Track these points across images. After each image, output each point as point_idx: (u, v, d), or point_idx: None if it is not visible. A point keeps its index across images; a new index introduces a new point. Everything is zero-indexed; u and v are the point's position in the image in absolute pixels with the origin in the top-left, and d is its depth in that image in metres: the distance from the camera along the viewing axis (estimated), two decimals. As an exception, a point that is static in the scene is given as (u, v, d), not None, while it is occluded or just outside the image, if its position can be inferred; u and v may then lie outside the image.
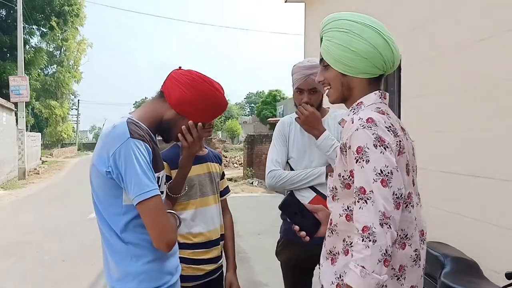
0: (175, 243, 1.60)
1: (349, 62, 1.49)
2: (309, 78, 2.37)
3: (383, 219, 1.29)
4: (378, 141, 1.36)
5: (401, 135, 1.46)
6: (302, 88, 2.41)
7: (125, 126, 1.52)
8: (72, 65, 38.19)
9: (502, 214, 3.36)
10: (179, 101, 1.65)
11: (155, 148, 1.60)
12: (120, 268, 1.58)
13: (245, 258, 5.97)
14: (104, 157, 1.50)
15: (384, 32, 1.49)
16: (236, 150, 29.67)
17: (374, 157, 1.35)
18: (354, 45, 1.47)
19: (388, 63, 1.51)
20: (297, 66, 2.45)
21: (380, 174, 1.33)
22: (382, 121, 1.42)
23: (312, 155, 2.46)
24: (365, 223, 1.31)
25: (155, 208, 1.50)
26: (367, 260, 1.28)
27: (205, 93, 1.66)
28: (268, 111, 38.03)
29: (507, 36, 3.15)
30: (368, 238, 1.28)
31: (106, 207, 1.57)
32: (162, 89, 1.70)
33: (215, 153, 2.45)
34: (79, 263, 5.92)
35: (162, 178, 1.69)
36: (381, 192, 1.31)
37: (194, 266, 2.18)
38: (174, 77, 1.68)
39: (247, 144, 17.47)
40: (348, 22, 1.50)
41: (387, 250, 1.28)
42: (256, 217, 8.71)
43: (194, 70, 1.72)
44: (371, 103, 1.51)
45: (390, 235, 1.29)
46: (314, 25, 8.59)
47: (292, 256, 2.51)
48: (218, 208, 2.33)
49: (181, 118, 1.69)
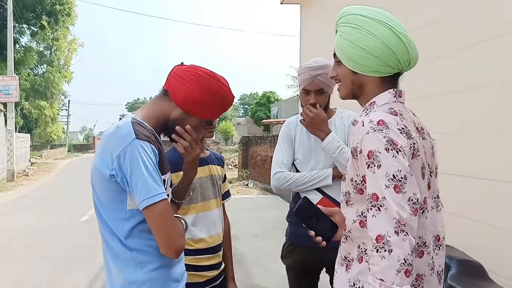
0: (182, 249, 1.52)
1: (359, 60, 1.42)
2: (315, 79, 2.34)
3: (398, 226, 1.21)
4: (390, 144, 1.29)
5: (415, 137, 1.38)
6: (309, 89, 2.38)
7: (129, 127, 1.44)
8: (62, 65, 37.87)
9: (506, 216, 3.35)
10: (186, 99, 1.56)
11: (161, 150, 1.53)
12: (124, 275, 1.50)
13: (242, 261, 5.91)
14: (108, 160, 1.42)
15: (397, 29, 1.40)
16: (230, 152, 29.66)
17: (386, 161, 1.27)
18: (364, 43, 1.39)
19: (403, 62, 1.42)
20: (303, 67, 2.41)
21: (393, 180, 1.25)
22: (394, 123, 1.35)
23: (318, 156, 2.42)
24: (379, 232, 1.23)
25: (163, 213, 1.43)
26: (385, 272, 1.20)
27: (213, 89, 1.58)
28: (262, 113, 38.10)
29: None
30: (383, 248, 1.21)
31: (109, 211, 1.49)
32: (165, 87, 1.62)
33: (217, 155, 2.39)
34: (72, 268, 5.80)
35: (168, 180, 1.62)
36: (394, 199, 1.24)
37: (195, 273, 2.09)
38: (178, 74, 1.59)
39: (242, 146, 17.41)
40: (359, 17, 1.42)
41: (406, 259, 1.19)
42: (252, 219, 8.69)
43: (198, 65, 1.64)
44: (384, 103, 1.44)
45: (408, 243, 1.20)
46: (310, 26, 8.66)
47: (298, 259, 2.47)
48: (220, 212, 2.26)
49: (188, 117, 1.61)
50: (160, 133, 1.62)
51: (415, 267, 1.34)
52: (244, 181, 16.11)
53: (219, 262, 2.22)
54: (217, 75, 1.62)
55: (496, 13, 3.30)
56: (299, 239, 2.42)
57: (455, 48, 3.72)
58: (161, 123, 1.59)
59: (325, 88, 2.36)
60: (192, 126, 1.63)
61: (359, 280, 1.42)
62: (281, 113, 29.15)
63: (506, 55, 3.20)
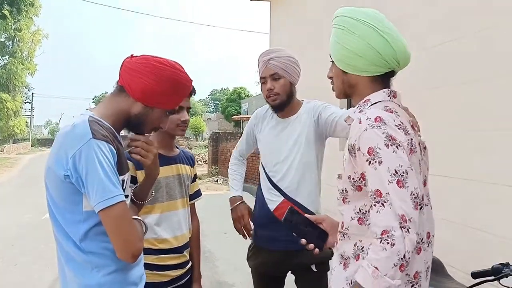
0: (140, 253, 1.48)
1: (346, 60, 1.46)
2: (268, 63, 2.30)
3: (402, 222, 1.24)
4: (389, 140, 1.31)
5: (411, 133, 1.41)
6: (264, 76, 2.33)
7: (86, 126, 1.39)
8: (26, 56, 36.65)
9: (464, 212, 3.46)
10: (145, 92, 1.51)
11: (119, 149, 1.48)
12: (79, 279, 1.44)
13: (210, 258, 5.88)
14: (62, 160, 1.37)
15: (380, 28, 1.40)
16: (200, 148, 29.49)
17: (387, 157, 1.29)
18: (348, 43, 1.43)
19: (391, 61, 1.43)
20: (259, 57, 2.38)
21: (395, 175, 1.28)
22: (391, 119, 1.37)
23: (281, 150, 2.39)
24: (385, 227, 1.25)
25: (120, 215, 1.38)
26: (382, 262, 1.23)
27: (170, 77, 1.52)
28: (232, 108, 38.05)
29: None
30: (387, 241, 1.23)
31: (63, 213, 1.43)
32: (120, 83, 1.55)
33: (188, 154, 2.30)
34: (33, 268, 5.60)
35: (127, 181, 1.57)
36: (397, 194, 1.26)
37: (159, 272, 2.03)
38: (130, 67, 1.52)
39: (212, 142, 17.32)
40: (345, 18, 1.45)
41: (405, 255, 1.23)
42: (222, 215, 8.53)
43: (148, 55, 1.57)
44: (378, 101, 1.46)
45: (409, 240, 1.23)
46: (279, 23, 8.75)
47: (261, 262, 2.46)
48: (186, 212, 2.19)
49: (150, 109, 1.55)
50: (120, 131, 1.57)
51: (415, 265, 1.36)
52: (213, 177, 16.05)
53: (185, 261, 2.16)
54: (171, 62, 1.56)
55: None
56: (262, 243, 2.43)
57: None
58: (121, 120, 1.54)
59: (280, 73, 2.29)
60: (156, 118, 1.59)
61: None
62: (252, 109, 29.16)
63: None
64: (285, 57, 2.30)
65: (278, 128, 2.40)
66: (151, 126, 1.61)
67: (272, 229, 2.33)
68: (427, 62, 3.82)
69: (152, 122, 1.59)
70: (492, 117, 3.26)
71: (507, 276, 1.88)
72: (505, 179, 3.11)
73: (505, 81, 3.12)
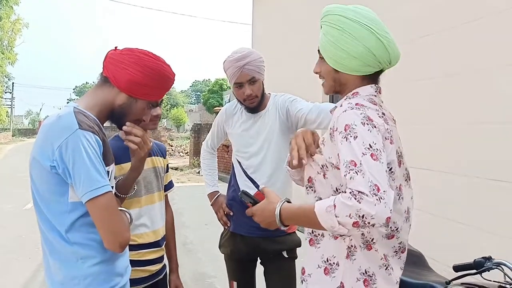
0: (128, 243, 1.48)
1: (340, 60, 1.46)
2: (243, 69, 2.30)
3: (376, 191, 1.20)
4: (366, 119, 1.33)
5: (392, 125, 1.44)
6: (240, 82, 2.34)
7: (72, 117, 1.40)
8: (6, 45, 35.88)
9: (443, 204, 3.53)
10: (129, 83, 1.53)
11: (105, 140, 1.49)
12: (64, 271, 1.44)
13: (192, 249, 5.90)
14: (48, 151, 1.37)
15: (378, 31, 1.43)
16: (182, 139, 29.32)
17: (363, 133, 1.29)
18: (346, 45, 1.43)
19: (383, 62, 1.47)
20: (228, 61, 2.36)
21: (369, 149, 1.27)
22: (373, 107, 1.41)
23: (254, 144, 2.43)
24: (359, 188, 1.21)
25: (107, 205, 1.39)
26: (341, 206, 1.21)
27: (154, 69, 1.56)
28: (214, 100, 37.82)
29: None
30: (355, 196, 1.20)
31: (49, 204, 1.43)
32: (104, 74, 1.57)
33: (160, 146, 2.29)
34: (14, 258, 5.55)
35: (112, 172, 1.57)
36: (371, 166, 1.24)
37: (139, 268, 2.00)
38: (116, 59, 1.55)
39: (193, 133, 17.25)
40: (342, 18, 1.44)
41: (365, 216, 1.19)
42: (203, 207, 8.52)
43: (132, 47, 1.60)
44: (366, 94, 1.49)
45: (378, 209, 1.19)
46: (262, 15, 8.71)
47: (234, 249, 2.51)
48: (162, 205, 2.18)
49: (134, 101, 1.58)
50: (104, 122, 1.58)
51: (383, 248, 1.41)
52: (195, 168, 15.96)
53: (163, 255, 2.17)
54: (155, 54, 1.60)
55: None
56: (237, 229, 2.48)
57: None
58: (105, 111, 1.55)
59: (256, 76, 2.33)
60: (139, 110, 1.60)
61: (334, 256, 1.45)
62: (235, 101, 29.01)
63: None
64: (258, 59, 2.33)
65: (249, 122, 2.45)
66: (134, 117, 1.62)
67: (246, 216, 2.39)
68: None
69: (135, 113, 1.61)
70: (473, 111, 3.33)
71: (489, 269, 1.88)
72: (486, 172, 3.17)
73: (481, 76, 3.20)
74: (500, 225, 3.07)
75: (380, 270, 1.42)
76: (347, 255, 1.43)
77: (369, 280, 1.41)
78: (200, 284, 4.69)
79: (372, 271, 1.42)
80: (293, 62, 6.98)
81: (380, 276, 1.42)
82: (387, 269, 1.43)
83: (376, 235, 1.41)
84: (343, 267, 1.43)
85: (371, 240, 1.42)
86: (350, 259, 1.43)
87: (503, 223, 3.07)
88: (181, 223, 7.00)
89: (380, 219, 1.20)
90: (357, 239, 1.42)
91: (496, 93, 3.17)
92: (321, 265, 1.48)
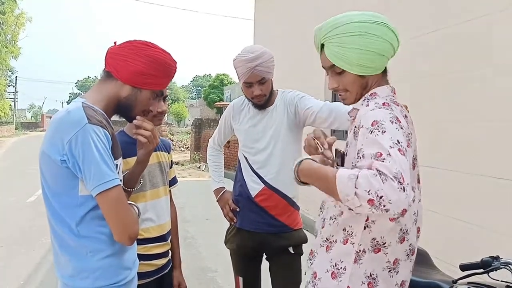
0: (137, 236, 1.50)
1: (369, 63, 1.47)
2: (255, 70, 2.29)
3: (402, 181, 1.17)
4: (395, 119, 1.33)
5: (411, 128, 1.47)
6: (250, 81, 2.33)
7: (81, 111, 1.42)
8: (9, 39, 36.03)
9: (449, 203, 3.52)
10: (131, 74, 1.54)
11: (113, 134, 1.51)
12: (74, 264, 1.45)
13: (193, 244, 5.92)
14: (58, 145, 1.38)
15: (390, 24, 1.48)
16: (183, 134, 29.30)
17: (391, 130, 1.29)
18: (373, 46, 1.44)
19: (395, 52, 1.51)
20: (238, 60, 2.33)
21: (397, 144, 1.24)
22: (398, 108, 1.43)
23: (261, 141, 2.45)
24: (385, 172, 1.18)
25: (117, 199, 1.41)
26: (364, 179, 1.18)
27: (155, 57, 1.57)
28: (215, 95, 37.69)
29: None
30: (381, 176, 1.17)
31: (59, 198, 1.44)
32: (106, 69, 1.58)
33: (164, 142, 2.31)
34: (18, 250, 5.60)
35: (120, 166, 1.59)
36: (398, 158, 1.21)
37: (146, 262, 2.01)
38: (116, 53, 1.57)
39: (194, 128, 17.27)
40: (359, 24, 1.45)
41: (383, 198, 1.16)
42: (204, 202, 8.57)
43: (132, 40, 1.62)
44: (385, 95, 1.50)
45: (398, 197, 1.16)
46: (264, 10, 8.65)
47: (240, 244, 2.52)
48: (167, 200, 2.21)
49: (138, 91, 1.59)
50: (111, 116, 1.60)
51: (396, 252, 1.43)
52: (196, 163, 16.00)
53: (168, 249, 2.19)
54: (153, 44, 1.61)
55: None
56: (244, 225, 2.49)
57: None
58: (112, 105, 1.57)
59: (266, 76, 2.32)
60: (145, 100, 1.62)
61: (342, 261, 1.46)
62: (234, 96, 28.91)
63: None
64: (269, 60, 2.31)
65: (257, 118, 2.46)
66: (141, 108, 1.63)
67: (253, 212, 2.43)
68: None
69: (142, 104, 1.62)
70: (480, 108, 3.31)
71: (497, 269, 1.86)
72: (492, 171, 3.15)
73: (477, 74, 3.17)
74: (508, 225, 3.05)
75: (383, 272, 1.45)
76: (355, 259, 1.45)
77: (373, 282, 1.44)
78: (202, 279, 4.71)
79: (376, 273, 1.44)
80: (295, 57, 6.99)
81: (381, 278, 1.44)
82: (390, 271, 1.45)
83: (389, 239, 1.43)
84: (350, 272, 1.45)
85: (383, 245, 1.43)
86: (357, 263, 1.44)
87: (511, 223, 3.03)
88: (182, 217, 6.94)
89: (397, 208, 1.17)
90: (367, 243, 1.43)
91: (501, 90, 3.14)
92: (329, 270, 1.50)
